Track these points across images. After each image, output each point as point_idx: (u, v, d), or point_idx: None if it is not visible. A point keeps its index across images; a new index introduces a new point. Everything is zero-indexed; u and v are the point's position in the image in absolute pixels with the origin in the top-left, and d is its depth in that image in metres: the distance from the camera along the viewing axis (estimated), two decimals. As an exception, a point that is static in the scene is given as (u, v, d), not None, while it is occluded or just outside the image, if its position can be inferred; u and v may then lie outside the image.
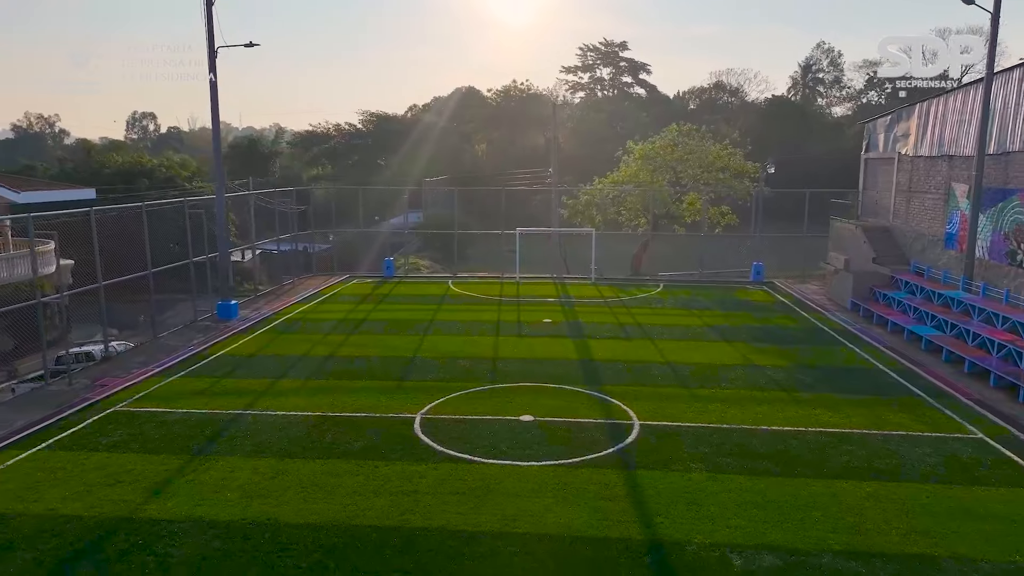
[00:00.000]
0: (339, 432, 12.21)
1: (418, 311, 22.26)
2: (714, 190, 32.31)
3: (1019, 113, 17.82)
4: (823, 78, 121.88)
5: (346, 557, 8.38)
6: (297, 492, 10.02)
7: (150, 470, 10.78)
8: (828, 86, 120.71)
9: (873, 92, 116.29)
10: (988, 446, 11.77)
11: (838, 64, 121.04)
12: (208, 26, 19.59)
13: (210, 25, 19.62)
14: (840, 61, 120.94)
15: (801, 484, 10.31)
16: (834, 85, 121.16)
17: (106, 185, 34.10)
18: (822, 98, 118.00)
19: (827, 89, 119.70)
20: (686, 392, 14.36)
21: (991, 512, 9.51)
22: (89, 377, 15.58)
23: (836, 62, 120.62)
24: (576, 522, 9.17)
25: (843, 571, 8.12)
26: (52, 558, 8.41)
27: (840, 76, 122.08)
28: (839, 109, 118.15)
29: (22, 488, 10.21)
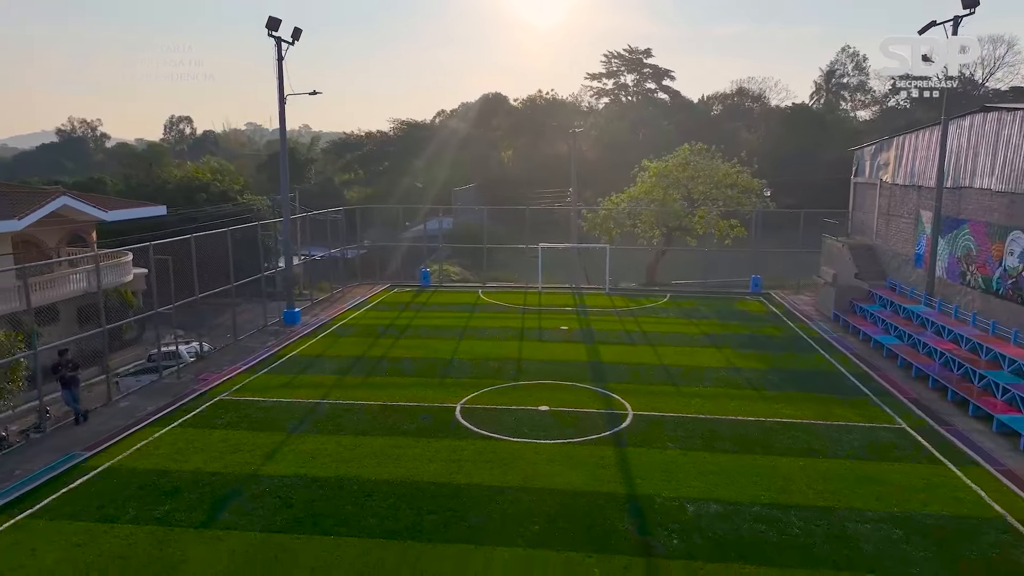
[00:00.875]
0: (398, 417, 15.86)
1: (453, 318, 25.92)
2: (723, 205, 35.55)
3: (970, 155, 20.92)
4: (847, 82, 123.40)
5: (413, 501, 11.99)
6: (372, 459, 13.67)
7: (260, 442, 14.52)
8: (852, 90, 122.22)
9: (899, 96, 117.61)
10: (906, 434, 15.05)
11: (863, 68, 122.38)
12: (279, 81, 23.36)
13: (280, 80, 23.39)
14: (865, 65, 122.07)
15: (750, 459, 13.71)
16: (859, 89, 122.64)
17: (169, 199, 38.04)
18: (846, 102, 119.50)
19: (851, 93, 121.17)
20: (674, 389, 17.79)
21: (888, 480, 12.84)
22: (192, 372, 19.45)
23: (861, 66, 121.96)
24: (577, 481, 12.68)
25: (765, 516, 11.52)
26: (209, 497, 12.14)
27: (865, 80, 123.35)
28: (864, 113, 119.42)
29: (172, 453, 14.00)
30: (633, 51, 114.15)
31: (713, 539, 10.80)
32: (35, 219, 26.09)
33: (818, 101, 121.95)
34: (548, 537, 10.82)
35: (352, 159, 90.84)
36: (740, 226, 35.17)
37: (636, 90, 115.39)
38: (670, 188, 36.83)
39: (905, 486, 12.62)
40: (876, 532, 11.00)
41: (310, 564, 10.11)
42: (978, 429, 15.26)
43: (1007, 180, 18.89)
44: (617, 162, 74.68)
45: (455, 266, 46.97)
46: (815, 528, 11.11)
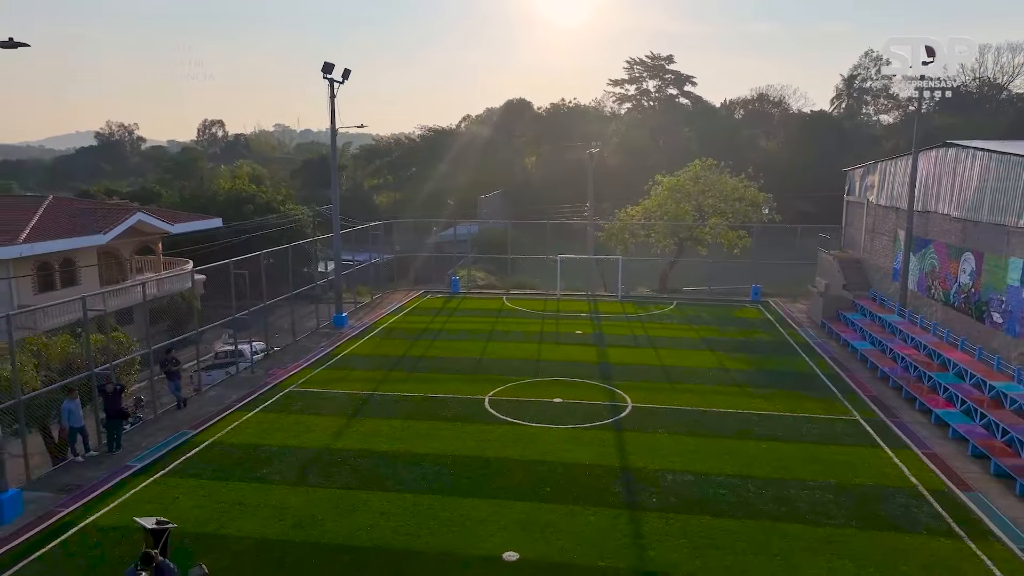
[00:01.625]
0: (437, 406, 19.44)
1: (481, 322, 29.51)
2: (731, 217, 38.72)
3: (935, 183, 24.02)
4: (870, 86, 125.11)
5: (452, 468, 15.54)
6: (418, 438, 17.25)
7: (327, 424, 18.18)
8: (875, 94, 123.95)
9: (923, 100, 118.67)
10: (858, 424, 18.31)
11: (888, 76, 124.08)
12: (332, 117, 27.08)
13: (333, 116, 27.12)
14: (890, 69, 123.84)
15: (723, 441, 17.09)
16: (882, 93, 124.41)
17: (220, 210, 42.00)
18: (868, 106, 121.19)
19: (874, 98, 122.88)
20: (669, 386, 21.18)
21: (832, 459, 16.13)
22: (263, 368, 23.24)
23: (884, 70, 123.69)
24: (582, 457, 16.14)
25: (727, 484, 14.89)
26: (295, 464, 15.80)
27: (888, 84, 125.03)
28: (887, 117, 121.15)
29: (259, 432, 17.73)
30: (655, 57, 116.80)
31: (683, 499, 14.22)
32: (116, 233, 30.16)
33: (839, 106, 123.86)
34: (557, 495, 14.33)
35: (381, 165, 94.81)
36: (747, 237, 38.33)
37: (658, 96, 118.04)
38: (682, 201, 40.06)
39: (845, 464, 15.92)
40: (812, 496, 14.33)
41: (380, 510, 13.70)
42: (920, 421, 18.47)
43: (962, 208, 22.01)
44: (637, 168, 78.05)
45: (481, 271, 50.34)
46: (764, 493, 14.48)
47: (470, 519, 13.37)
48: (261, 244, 41.73)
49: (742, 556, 12.14)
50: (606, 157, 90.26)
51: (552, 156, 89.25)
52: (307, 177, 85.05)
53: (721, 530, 13.00)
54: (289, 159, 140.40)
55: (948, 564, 11.97)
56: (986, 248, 20.70)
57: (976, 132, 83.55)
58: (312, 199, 74.73)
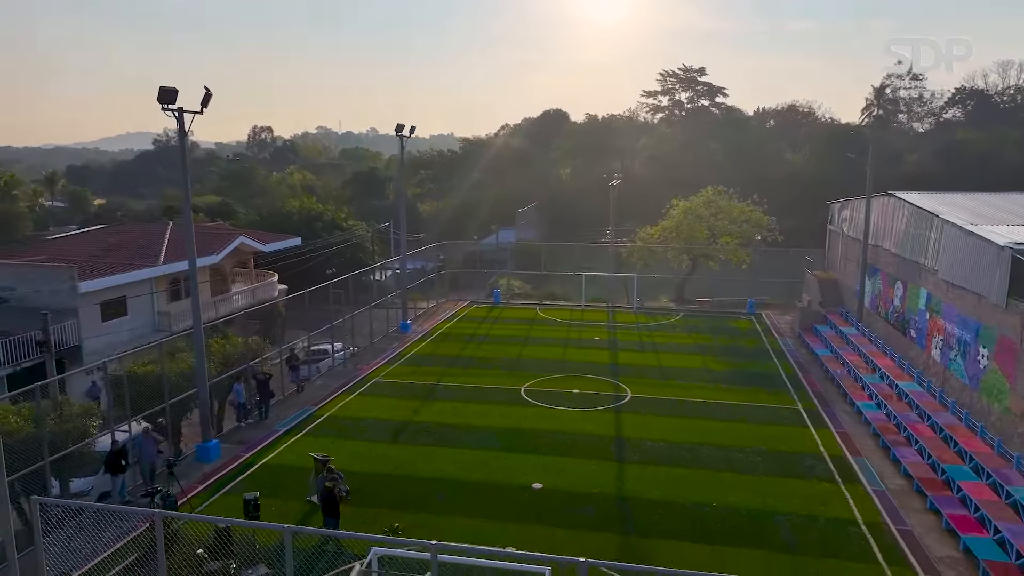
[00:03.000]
0: (486, 393, 26.75)
1: (518, 329, 36.78)
2: (739, 237, 45.28)
3: (883, 223, 30.54)
4: (903, 95, 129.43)
5: (499, 434, 22.80)
6: (473, 415, 24.57)
7: (407, 405, 25.60)
8: (908, 103, 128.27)
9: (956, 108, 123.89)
10: (798, 412, 25.10)
11: (920, 79, 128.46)
12: (399, 166, 34.49)
13: (401, 164, 34.53)
14: (922, 77, 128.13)
15: (693, 421, 24.06)
16: (915, 101, 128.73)
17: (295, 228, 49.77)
18: (902, 114, 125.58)
19: (908, 105, 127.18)
20: (661, 382, 28.18)
21: (767, 434, 22.99)
22: (352, 364, 30.83)
23: (918, 77, 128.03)
24: (590, 430, 23.28)
25: (689, 448, 21.84)
26: (389, 430, 23.24)
27: (922, 92, 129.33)
28: (920, 125, 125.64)
29: (358, 409, 25.25)
30: (688, 70, 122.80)
31: (656, 456, 21.28)
32: (224, 255, 38.07)
33: (869, 116, 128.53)
34: (570, 452, 21.49)
35: (425, 176, 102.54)
36: (750, 255, 44.86)
37: (690, 107, 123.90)
38: (695, 223, 46.74)
39: (777, 437, 22.79)
40: (746, 457, 21.25)
41: (450, 459, 21.02)
42: (845, 411, 25.19)
43: (896, 246, 28.55)
44: (667, 179, 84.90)
45: (518, 280, 57.43)
46: (714, 455, 21.44)
47: (510, 465, 20.61)
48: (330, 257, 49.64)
49: (688, 491, 19.16)
50: (636, 169, 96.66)
51: (585, 169, 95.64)
52: (357, 188, 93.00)
53: (677, 475, 20.04)
54: (336, 165, 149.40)
55: (821, 497, 18.81)
56: (909, 279, 27.26)
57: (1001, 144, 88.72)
58: (364, 209, 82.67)
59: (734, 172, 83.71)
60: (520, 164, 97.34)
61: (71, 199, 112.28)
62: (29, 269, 29.72)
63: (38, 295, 28.73)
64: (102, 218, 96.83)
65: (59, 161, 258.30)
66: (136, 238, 37.87)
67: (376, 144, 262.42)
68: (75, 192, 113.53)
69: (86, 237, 40.38)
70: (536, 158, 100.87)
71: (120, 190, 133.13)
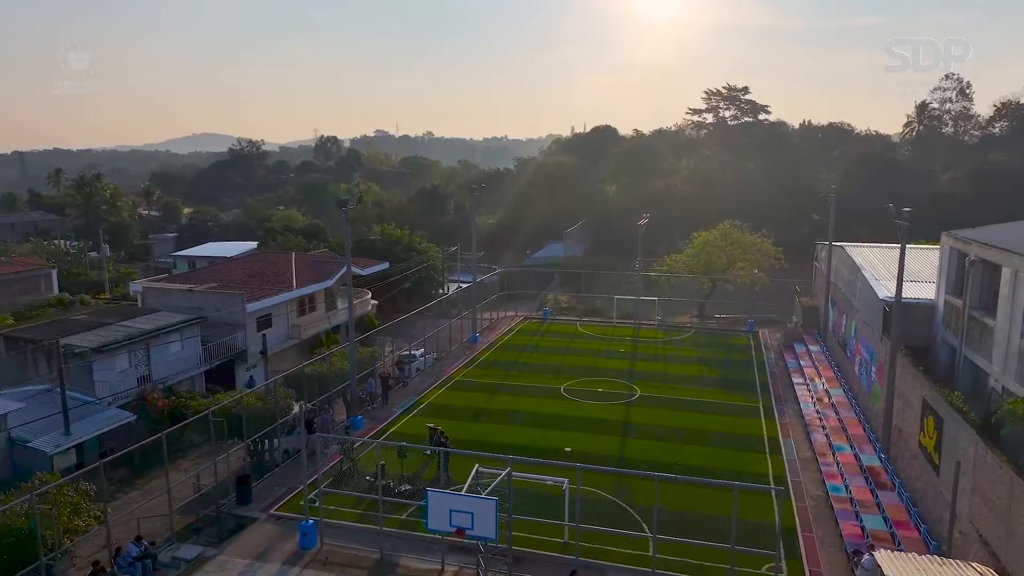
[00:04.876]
0: (535, 390, 38.68)
1: (561, 341, 48.58)
2: (752, 263, 56.07)
3: (838, 268, 41.28)
4: (949, 108, 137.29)
5: (544, 417, 34.65)
6: (526, 405, 36.52)
7: (482, 396, 37.73)
8: (955, 117, 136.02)
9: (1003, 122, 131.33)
10: (757, 407, 36.28)
11: (967, 94, 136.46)
12: (472, 225, 46.47)
13: (473, 219, 46.50)
14: (969, 91, 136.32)
15: (682, 412, 35.54)
16: (961, 116, 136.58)
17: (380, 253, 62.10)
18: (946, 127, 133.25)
19: (953, 120, 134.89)
20: (664, 385, 39.65)
21: (731, 421, 34.26)
22: (436, 367, 43.12)
23: (965, 92, 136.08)
24: (607, 416, 34.97)
25: (678, 429, 33.29)
26: (470, 413, 35.34)
27: (968, 106, 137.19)
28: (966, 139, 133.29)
29: (449, 399, 37.50)
30: (732, 89, 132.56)
31: (650, 436, 32.87)
32: (335, 279, 50.78)
33: (910, 132, 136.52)
34: (592, 431, 33.20)
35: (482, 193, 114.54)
36: (765, 278, 55.59)
37: (734, 123, 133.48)
38: (714, 252, 57.67)
39: (735, 423, 34.07)
40: (711, 436, 32.62)
41: (511, 433, 32.88)
42: (792, 408, 36.24)
43: (844, 286, 39.38)
44: (707, 196, 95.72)
45: (564, 294, 68.89)
46: (689, 435, 32.89)
47: (551, 437, 32.40)
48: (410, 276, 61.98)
49: (666, 456, 30.64)
50: (679, 187, 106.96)
51: (631, 187, 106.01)
52: (422, 204, 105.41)
53: (661, 447, 31.55)
54: (398, 173, 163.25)
55: (750, 463, 30.07)
56: (848, 313, 38.14)
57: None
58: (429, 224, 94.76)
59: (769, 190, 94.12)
60: (569, 181, 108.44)
61: (165, 209, 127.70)
62: (213, 295, 42.68)
63: (218, 314, 41.70)
64: (196, 228, 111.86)
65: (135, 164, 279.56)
66: (269, 267, 50.71)
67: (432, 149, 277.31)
68: (168, 203, 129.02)
69: (233, 265, 53.28)
70: (584, 175, 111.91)
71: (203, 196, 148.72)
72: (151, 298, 43.76)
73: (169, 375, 36.60)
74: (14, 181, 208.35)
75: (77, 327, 35.61)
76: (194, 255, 75.33)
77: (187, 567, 22.36)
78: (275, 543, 23.68)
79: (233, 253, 74.32)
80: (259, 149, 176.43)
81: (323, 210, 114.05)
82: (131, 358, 35.16)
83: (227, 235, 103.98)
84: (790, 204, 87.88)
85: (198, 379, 38.74)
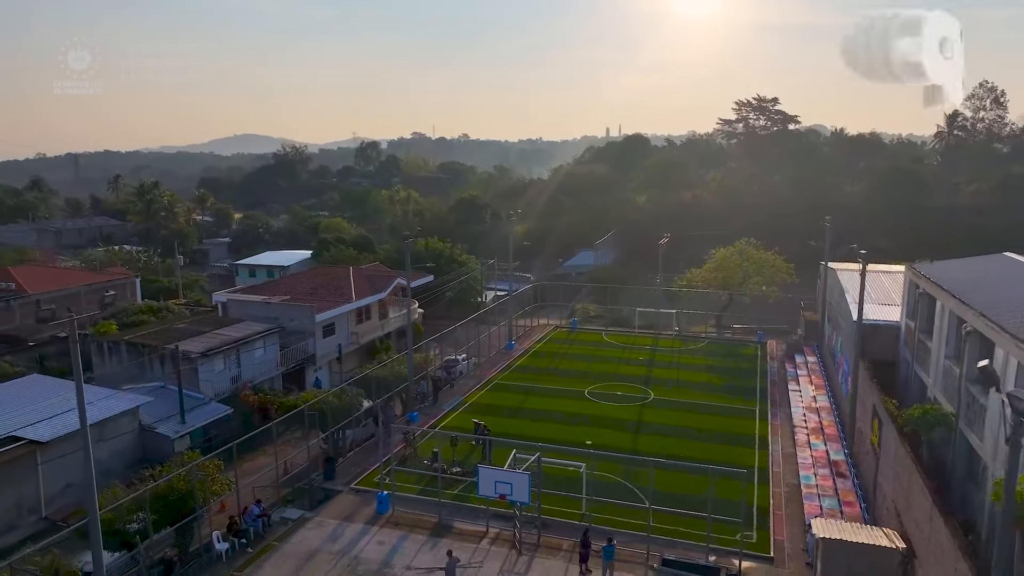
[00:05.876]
0: (563, 392, 45.74)
1: (587, 349, 55.54)
2: (766, 278, 62.35)
3: (832, 287, 47.57)
4: (983, 116, 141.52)
5: (570, 416, 41.72)
6: (556, 405, 43.60)
7: (516, 397, 44.91)
8: (989, 125, 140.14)
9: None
10: (754, 410, 42.88)
11: (1001, 102, 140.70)
12: (509, 243, 53.61)
13: (510, 238, 53.65)
14: (1004, 100, 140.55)
15: (686, 413, 42.32)
16: (995, 123, 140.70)
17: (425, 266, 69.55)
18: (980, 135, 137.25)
19: (987, 128, 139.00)
20: (675, 388, 46.42)
21: (729, 422, 40.96)
22: (479, 370, 50.41)
23: (999, 100, 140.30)
24: (623, 416, 41.89)
25: (679, 428, 40.08)
26: (506, 412, 42.54)
27: (1002, 115, 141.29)
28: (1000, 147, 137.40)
29: (490, 398, 44.78)
30: (761, 99, 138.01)
31: (659, 432, 39.73)
32: (388, 291, 58.32)
33: (940, 141, 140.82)
34: (610, 428, 40.11)
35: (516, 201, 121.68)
36: (778, 291, 61.85)
37: (764, 133, 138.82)
38: (730, 267, 64.03)
39: (733, 423, 40.74)
40: (711, 434, 39.37)
41: (542, 428, 39.97)
42: (784, 412, 42.74)
43: (835, 304, 45.71)
44: (733, 206, 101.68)
45: (593, 304, 75.50)
46: (692, 432, 39.65)
47: (575, 431, 39.38)
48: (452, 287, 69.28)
49: (670, 449, 37.43)
50: (707, 197, 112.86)
51: (661, 197, 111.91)
52: (460, 214, 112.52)
53: (668, 441, 38.37)
54: (436, 180, 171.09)
55: (741, 456, 36.72)
56: (836, 329, 44.49)
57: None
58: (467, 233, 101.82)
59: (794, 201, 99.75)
60: (600, 190, 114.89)
61: (217, 215, 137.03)
62: (286, 307, 50.41)
63: (292, 323, 49.42)
64: (247, 233, 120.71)
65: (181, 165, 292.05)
66: (331, 280, 58.32)
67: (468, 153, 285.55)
68: (220, 209, 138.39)
69: (299, 279, 60.87)
70: (615, 185, 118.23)
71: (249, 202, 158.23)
72: (233, 308, 51.75)
73: (254, 376, 44.38)
74: (70, 183, 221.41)
75: (181, 335, 43.50)
76: (254, 263, 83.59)
77: (293, 524, 29.90)
78: (357, 509, 31.13)
79: (289, 262, 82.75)
80: (303, 155, 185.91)
81: (368, 217, 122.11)
82: (226, 361, 43.00)
83: (277, 241, 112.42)
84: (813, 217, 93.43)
85: (277, 379, 46.47)
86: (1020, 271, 31.27)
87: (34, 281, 60.14)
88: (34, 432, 31.47)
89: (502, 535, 29.01)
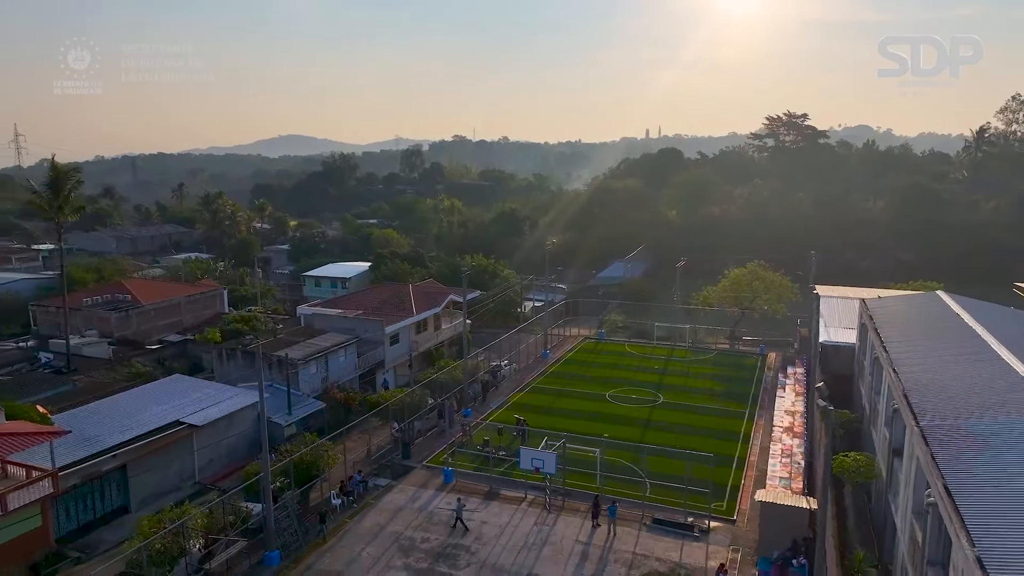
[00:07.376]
0: (587, 395, 57.17)
1: (611, 358, 66.86)
2: (774, 296, 72.88)
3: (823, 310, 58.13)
4: (1015, 130, 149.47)
5: (592, 415, 53.12)
6: (580, 405, 55.03)
7: (548, 399, 56.50)
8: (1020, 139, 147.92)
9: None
10: (743, 411, 53.80)
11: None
12: (546, 263, 65.06)
13: (547, 262, 65.11)
14: None
15: (688, 414, 53.41)
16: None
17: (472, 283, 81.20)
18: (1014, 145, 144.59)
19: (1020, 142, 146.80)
20: (683, 392, 57.53)
21: (721, 421, 51.97)
22: (518, 374, 62.12)
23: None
24: (635, 415, 53.17)
25: (679, 425, 51.23)
26: (543, 410, 54.13)
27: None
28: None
29: (528, 399, 56.44)
30: (791, 115, 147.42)
31: (664, 428, 50.95)
32: (443, 306, 70.22)
33: (967, 156, 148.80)
34: (623, 424, 51.40)
35: (554, 216, 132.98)
36: (783, 309, 72.31)
37: (793, 147, 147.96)
38: (742, 286, 74.65)
39: (725, 421, 51.74)
40: (705, 429, 50.46)
41: (569, 423, 51.43)
42: (768, 414, 53.54)
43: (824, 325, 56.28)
44: (759, 221, 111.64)
45: (620, 315, 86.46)
46: (690, 429, 50.78)
47: (594, 426, 50.64)
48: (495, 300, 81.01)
49: (670, 442, 48.60)
50: (734, 212, 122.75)
51: (690, 211, 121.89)
52: (501, 227, 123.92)
53: (669, 436, 49.51)
54: (479, 187, 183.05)
55: (725, 448, 47.73)
56: (815, 346, 55.05)
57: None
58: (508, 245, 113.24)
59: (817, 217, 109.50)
60: (633, 204, 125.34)
61: (274, 223, 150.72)
62: (360, 320, 62.55)
63: (366, 334, 61.57)
64: (304, 242, 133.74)
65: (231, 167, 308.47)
66: (393, 296, 70.33)
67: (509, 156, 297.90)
68: (278, 217, 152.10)
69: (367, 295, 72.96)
70: (648, 199, 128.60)
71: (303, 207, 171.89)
72: (316, 320, 64.20)
73: (339, 377, 56.63)
74: (129, 186, 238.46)
75: (283, 344, 55.91)
76: (320, 275, 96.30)
77: (383, 489, 41.91)
78: (429, 479, 43.02)
79: (350, 274, 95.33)
80: (350, 162, 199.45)
81: (415, 228, 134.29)
82: (317, 365, 55.33)
83: (332, 249, 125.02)
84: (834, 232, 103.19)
85: (354, 380, 58.67)
86: (935, 310, 41.89)
87: (145, 293, 73.43)
88: (192, 418, 43.98)
89: (536, 500, 40.54)
